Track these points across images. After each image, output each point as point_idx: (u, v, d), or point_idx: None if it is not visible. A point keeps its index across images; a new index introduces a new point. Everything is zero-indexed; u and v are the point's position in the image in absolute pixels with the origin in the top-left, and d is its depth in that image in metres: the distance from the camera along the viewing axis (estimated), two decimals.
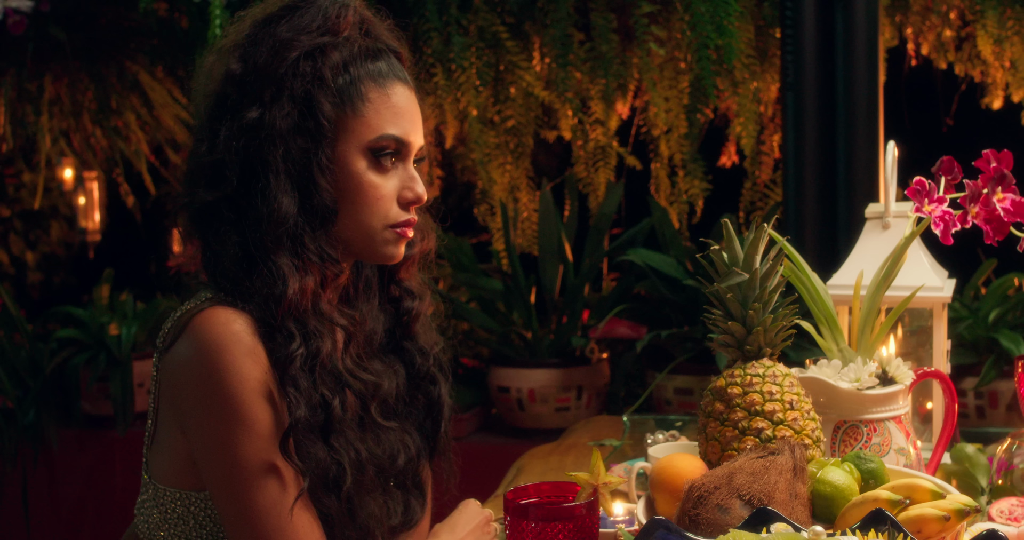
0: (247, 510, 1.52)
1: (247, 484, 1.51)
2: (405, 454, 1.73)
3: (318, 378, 1.56)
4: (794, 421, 1.66)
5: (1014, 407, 3.48)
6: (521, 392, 3.98)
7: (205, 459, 1.54)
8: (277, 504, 1.52)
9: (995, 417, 3.48)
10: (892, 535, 1.26)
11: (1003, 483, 1.99)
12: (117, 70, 4.89)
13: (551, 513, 1.45)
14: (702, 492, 1.49)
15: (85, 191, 6.41)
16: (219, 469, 1.53)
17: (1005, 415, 3.48)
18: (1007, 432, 2.53)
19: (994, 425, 3.43)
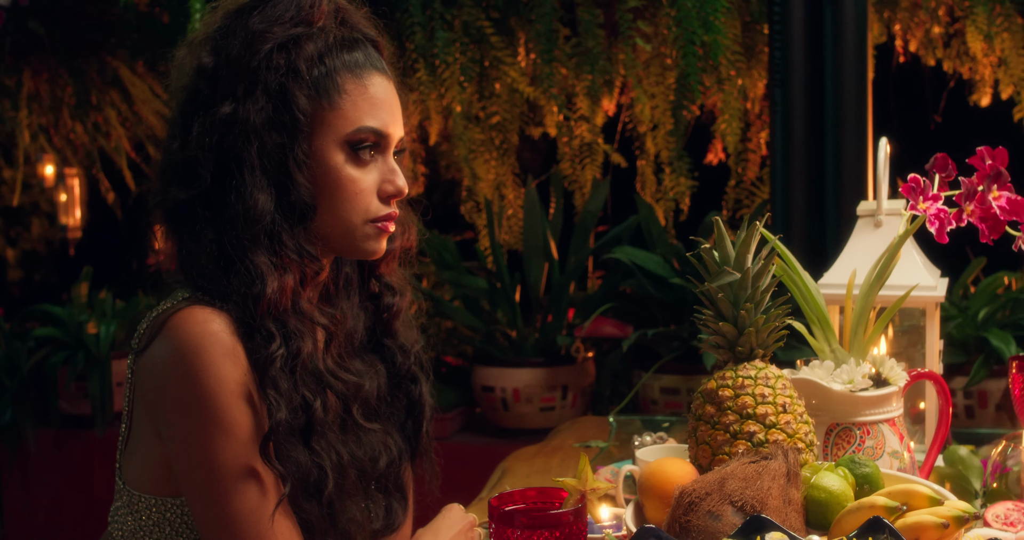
0: (225, 517, 1.47)
1: (225, 490, 1.46)
2: (387, 456, 1.69)
3: (299, 379, 1.52)
4: (787, 424, 1.62)
5: (1003, 407, 3.45)
6: (505, 391, 3.94)
7: (182, 464, 1.50)
8: (256, 510, 1.47)
9: (984, 417, 3.45)
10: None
11: (998, 486, 1.96)
12: (97, 65, 4.84)
13: (537, 520, 1.41)
14: (693, 498, 1.45)
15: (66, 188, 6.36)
16: (196, 474, 1.48)
17: (995, 415, 3.45)
18: (998, 433, 2.50)
19: (984, 425, 3.40)
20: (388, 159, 1.59)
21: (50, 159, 6.08)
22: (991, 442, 2.35)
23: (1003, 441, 2.01)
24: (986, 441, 2.41)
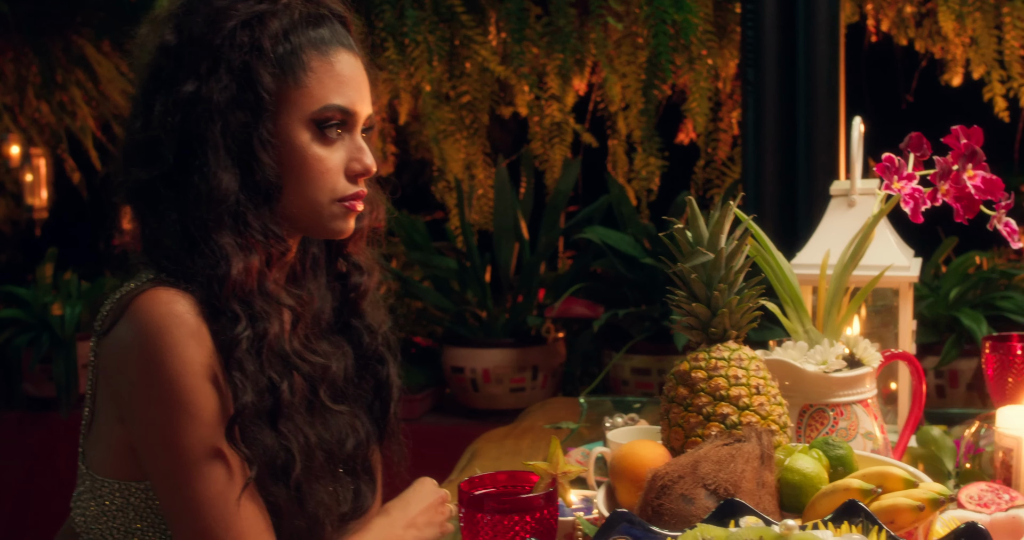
0: (190, 501, 1.44)
1: (190, 474, 1.44)
2: (354, 438, 1.66)
3: (265, 361, 1.49)
4: (760, 406, 1.60)
5: (975, 386, 3.45)
6: (475, 372, 3.92)
7: (146, 448, 1.47)
8: (222, 495, 1.44)
9: (955, 397, 3.45)
10: (866, 527, 1.20)
11: (971, 467, 1.95)
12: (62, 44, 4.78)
13: (508, 505, 1.38)
14: (665, 481, 1.43)
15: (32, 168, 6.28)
16: (161, 458, 1.45)
17: (965, 394, 3.45)
18: (970, 413, 2.50)
19: (954, 405, 3.41)
20: (355, 137, 1.56)
21: (15, 139, 6.00)
22: (963, 422, 2.34)
23: (976, 422, 2.00)
24: (958, 421, 2.40)
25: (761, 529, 1.14)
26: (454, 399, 4.08)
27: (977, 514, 1.57)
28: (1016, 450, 1.83)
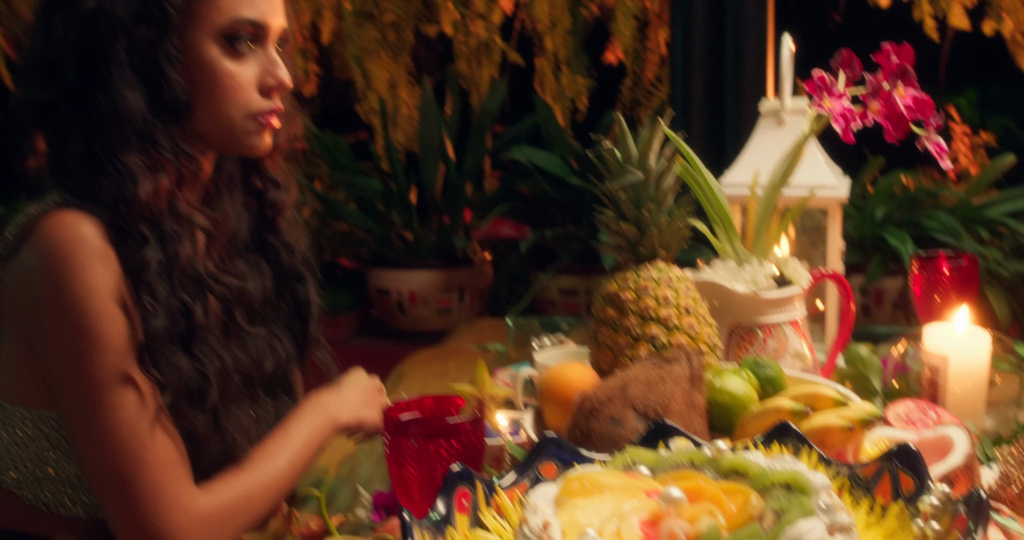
0: (99, 431, 1.39)
1: (98, 402, 1.38)
2: (274, 359, 1.63)
3: (176, 283, 1.44)
4: (690, 327, 1.58)
5: (899, 305, 3.48)
6: (401, 294, 3.88)
7: (54, 375, 1.41)
8: (132, 424, 1.39)
9: (880, 315, 3.48)
10: (796, 448, 1.18)
11: (898, 386, 1.95)
12: None
13: (433, 429, 1.35)
14: (595, 404, 1.40)
15: None
16: (70, 386, 1.40)
17: (891, 313, 3.48)
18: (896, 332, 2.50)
19: (880, 323, 3.43)
20: (269, 51, 1.49)
21: None
22: (889, 341, 2.35)
23: (904, 340, 2.00)
24: (884, 340, 2.40)
25: (691, 451, 1.12)
26: (380, 321, 4.04)
27: (905, 432, 1.57)
28: (942, 369, 1.83)
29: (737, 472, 1.08)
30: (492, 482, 1.14)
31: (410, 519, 1.00)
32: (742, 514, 0.99)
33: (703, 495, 1.03)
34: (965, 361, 1.82)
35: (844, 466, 1.15)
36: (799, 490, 1.02)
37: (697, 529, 0.96)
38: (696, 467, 1.10)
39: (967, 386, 1.82)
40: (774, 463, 1.08)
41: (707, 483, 1.05)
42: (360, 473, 1.90)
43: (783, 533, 0.94)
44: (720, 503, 1.01)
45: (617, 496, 1.04)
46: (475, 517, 1.10)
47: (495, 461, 1.72)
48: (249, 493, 1.49)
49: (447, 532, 1.06)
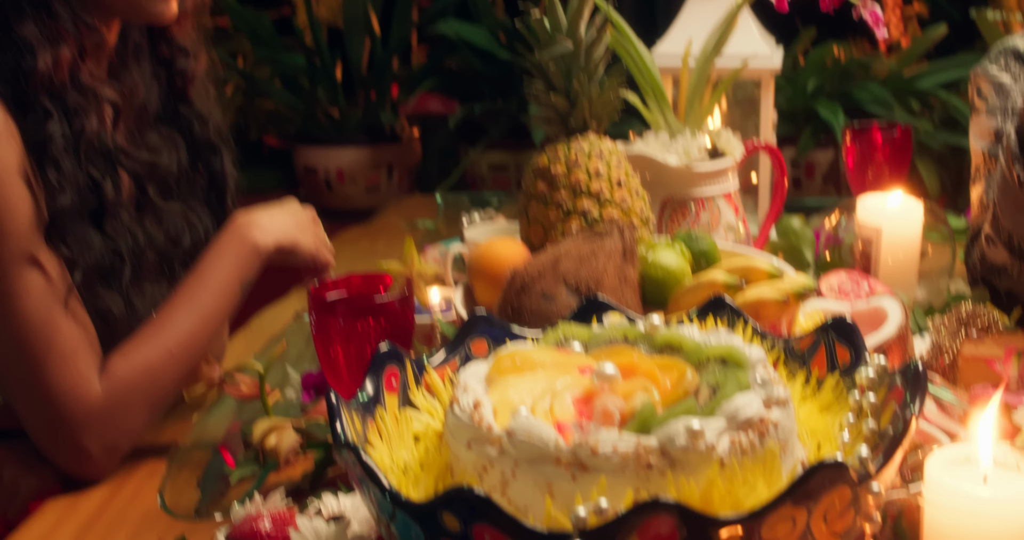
0: (6, 312, 1.34)
1: (4, 282, 1.33)
2: (191, 234, 1.58)
3: (84, 159, 1.38)
4: (622, 201, 1.54)
5: (830, 177, 3.48)
6: (329, 172, 3.82)
7: None
8: (39, 307, 1.34)
9: (811, 187, 3.47)
10: (731, 321, 1.16)
11: (831, 258, 1.94)
12: None
13: (361, 309, 1.31)
14: (525, 280, 1.37)
15: None
16: None
17: (821, 185, 3.48)
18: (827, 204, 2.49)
19: (810, 196, 3.42)
20: None
21: None
22: (821, 213, 2.34)
23: (836, 211, 1.98)
24: (815, 212, 2.39)
25: (625, 326, 1.10)
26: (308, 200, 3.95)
27: (838, 304, 1.56)
28: (875, 240, 1.82)
29: (671, 347, 1.06)
30: (422, 361, 1.10)
31: (337, 401, 0.97)
32: (677, 389, 0.97)
33: (637, 371, 1.00)
34: (898, 232, 1.81)
35: (779, 339, 1.13)
36: (735, 364, 1.00)
37: (632, 405, 0.94)
38: (630, 342, 1.08)
39: (899, 257, 1.81)
40: (709, 337, 1.05)
41: (641, 358, 1.02)
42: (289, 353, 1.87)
43: (719, 408, 0.92)
44: (655, 378, 0.99)
45: (549, 373, 1.01)
46: (405, 397, 1.07)
47: (425, 339, 1.70)
48: (151, 365, 1.42)
49: (376, 413, 1.03)
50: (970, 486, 0.95)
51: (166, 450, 1.48)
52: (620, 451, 0.87)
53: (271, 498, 1.14)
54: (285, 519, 1.10)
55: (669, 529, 0.79)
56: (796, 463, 0.94)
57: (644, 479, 0.87)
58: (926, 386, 0.95)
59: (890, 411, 0.98)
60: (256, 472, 1.39)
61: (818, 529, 0.84)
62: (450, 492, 0.81)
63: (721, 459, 0.89)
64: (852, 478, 0.83)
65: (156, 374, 1.43)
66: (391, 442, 1.02)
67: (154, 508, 1.33)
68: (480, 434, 0.92)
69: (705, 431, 0.88)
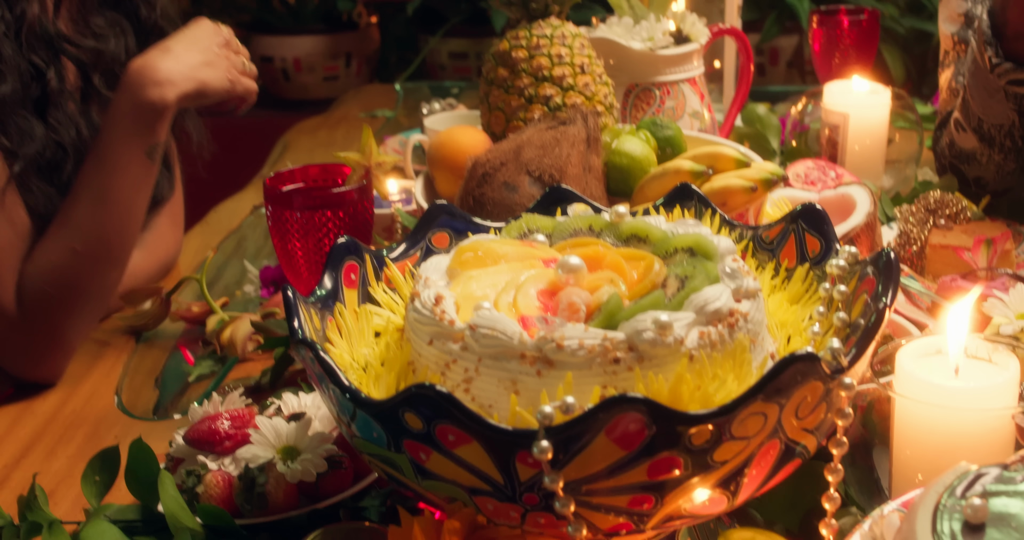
0: None
1: None
2: None
3: (25, 45, 1.32)
4: (585, 87, 1.50)
5: (794, 64, 3.43)
6: (286, 61, 3.73)
7: None
8: None
9: (775, 75, 3.43)
10: (699, 211, 1.13)
11: (796, 144, 1.91)
12: None
13: (319, 200, 1.27)
14: (487, 169, 1.33)
15: None
16: None
17: (786, 72, 3.43)
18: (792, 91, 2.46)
19: (775, 83, 3.38)
20: None
21: None
22: (786, 100, 2.31)
23: (803, 98, 1.95)
24: (780, 99, 2.37)
25: (590, 217, 1.06)
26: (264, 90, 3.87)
27: (805, 193, 1.53)
28: (842, 126, 1.79)
29: (638, 237, 1.03)
30: (382, 254, 1.07)
31: (294, 296, 0.93)
32: (644, 281, 0.94)
33: (603, 262, 0.97)
34: (865, 118, 1.78)
35: (748, 228, 1.10)
36: (703, 255, 0.97)
37: (598, 298, 0.91)
38: (595, 233, 1.04)
39: (866, 144, 1.78)
40: (676, 227, 1.02)
41: (607, 249, 0.99)
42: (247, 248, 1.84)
43: (688, 300, 0.90)
44: (621, 270, 0.96)
45: (513, 266, 0.98)
46: (364, 292, 1.04)
47: (385, 232, 1.66)
48: (55, 267, 1.35)
49: (335, 309, 1.00)
50: (941, 378, 0.93)
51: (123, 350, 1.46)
52: (586, 345, 0.85)
53: (230, 397, 1.11)
54: (244, 418, 1.08)
55: (638, 426, 0.77)
56: (766, 356, 0.92)
57: (611, 375, 0.85)
58: (899, 276, 0.92)
59: (861, 302, 0.95)
60: (215, 369, 1.37)
61: (789, 425, 0.82)
62: (411, 390, 0.78)
63: (690, 353, 0.86)
64: (824, 372, 0.81)
65: (65, 276, 1.35)
66: (351, 339, 0.99)
67: (111, 409, 1.30)
68: (442, 330, 0.89)
69: (674, 324, 0.86)
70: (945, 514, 0.72)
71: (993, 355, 0.95)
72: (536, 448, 0.76)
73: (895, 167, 1.86)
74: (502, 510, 0.83)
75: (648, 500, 0.81)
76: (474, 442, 0.78)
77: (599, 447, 0.78)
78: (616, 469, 0.79)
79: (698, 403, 0.84)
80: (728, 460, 0.81)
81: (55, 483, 1.17)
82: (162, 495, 0.99)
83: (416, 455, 0.82)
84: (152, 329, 1.50)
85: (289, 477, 1.02)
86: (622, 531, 0.85)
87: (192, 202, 1.86)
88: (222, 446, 1.06)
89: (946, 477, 0.77)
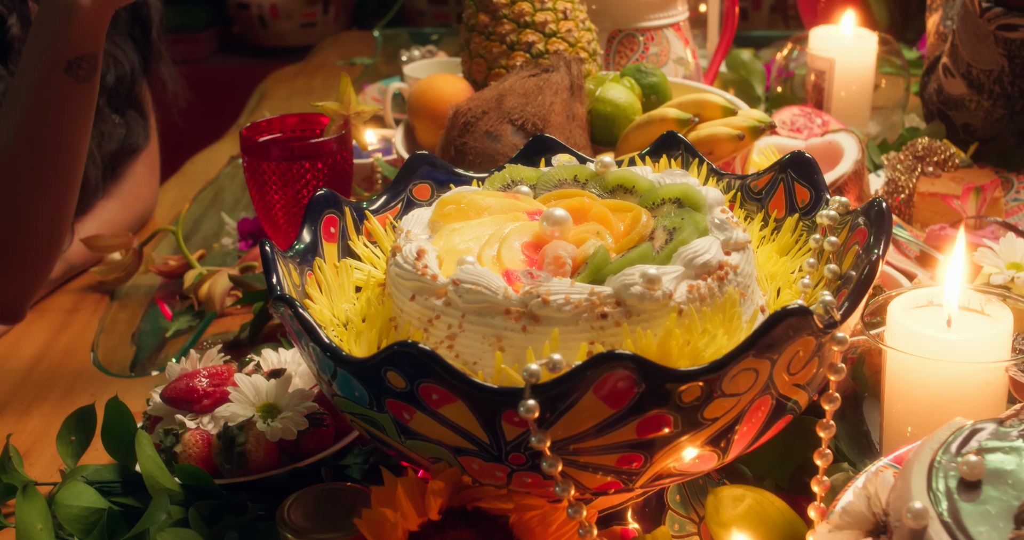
0: None
1: None
2: (115, 71, 1.49)
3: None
4: (568, 33, 1.47)
5: (778, 8, 3.39)
6: (262, 8, 3.67)
7: None
8: None
9: (758, 20, 3.39)
10: (686, 160, 1.11)
11: (782, 90, 1.88)
12: None
13: (296, 151, 1.24)
14: (469, 118, 1.31)
15: None
16: None
17: (768, 17, 3.39)
18: (776, 36, 2.43)
19: (757, 28, 3.34)
20: None
21: None
22: (770, 45, 2.27)
23: (789, 43, 1.92)
24: (764, 44, 2.33)
25: (575, 167, 1.04)
26: (241, 38, 3.83)
27: (792, 140, 1.51)
28: (828, 72, 1.77)
29: (624, 188, 1.00)
30: (361, 206, 1.04)
31: (272, 251, 0.91)
32: (632, 234, 0.92)
33: (589, 214, 0.95)
34: (851, 63, 1.76)
35: (736, 178, 1.08)
36: (691, 206, 0.94)
37: (584, 251, 0.89)
38: (580, 184, 1.02)
39: (852, 90, 1.76)
40: (663, 177, 1.00)
41: (592, 201, 0.97)
42: (225, 200, 1.81)
43: (676, 253, 0.87)
44: (607, 222, 0.94)
45: (497, 218, 0.95)
46: (344, 245, 1.02)
47: (365, 182, 1.64)
48: None
49: (314, 263, 0.97)
50: (933, 330, 0.91)
51: (98, 306, 1.43)
52: (573, 300, 0.82)
53: (208, 354, 1.09)
54: (223, 376, 1.05)
55: (626, 384, 0.75)
56: (756, 310, 0.90)
57: (598, 330, 0.83)
58: (891, 227, 0.90)
59: (852, 253, 0.93)
60: (192, 325, 1.34)
61: (780, 380, 0.81)
62: (393, 348, 0.76)
63: (679, 307, 0.84)
64: (817, 326, 0.79)
65: None
66: (331, 294, 0.97)
67: (87, 366, 1.28)
68: (424, 285, 0.87)
69: (662, 278, 0.83)
70: (940, 472, 0.71)
71: (986, 306, 0.93)
72: (522, 407, 0.74)
73: (881, 113, 1.83)
74: (488, 470, 0.81)
75: (637, 459, 0.80)
76: (458, 401, 0.76)
77: (587, 405, 0.76)
78: (604, 428, 0.77)
79: (687, 359, 0.82)
80: (719, 417, 0.79)
81: (30, 443, 1.14)
82: (139, 455, 0.97)
83: (399, 415, 0.80)
84: (125, 282, 1.47)
85: (269, 435, 1.00)
86: (610, 490, 0.84)
87: (168, 152, 1.83)
88: (200, 404, 1.04)
89: (940, 433, 0.75)
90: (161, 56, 1.60)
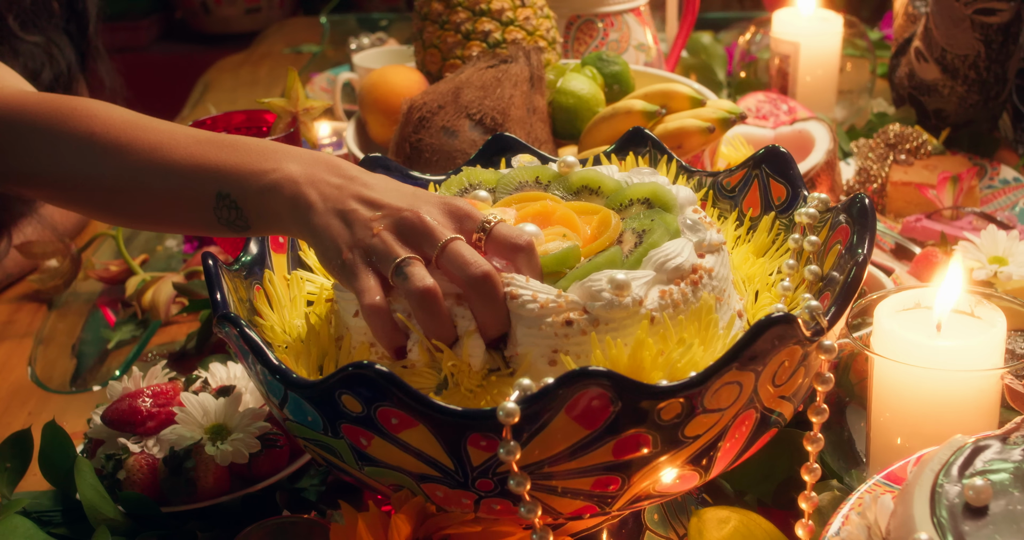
0: None
1: None
2: (52, 68, 1.43)
3: None
4: (526, 20, 1.40)
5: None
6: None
7: None
8: None
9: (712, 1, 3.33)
10: (654, 157, 1.05)
11: (745, 75, 1.83)
12: None
13: None
14: (424, 113, 1.24)
15: None
16: None
17: None
18: (737, 18, 2.37)
19: (712, 9, 3.28)
20: None
21: None
22: (728, 27, 2.22)
23: (752, 26, 1.86)
24: (722, 26, 2.28)
25: (537, 168, 0.98)
26: (185, 24, 3.74)
27: (760, 130, 1.46)
28: (793, 56, 1.72)
29: (589, 189, 0.94)
30: None
31: (215, 265, 0.84)
32: (600, 237, 0.86)
33: (553, 218, 0.89)
34: (816, 47, 1.71)
35: (707, 175, 1.02)
36: (661, 206, 0.89)
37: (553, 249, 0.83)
38: (542, 186, 0.96)
39: (818, 74, 1.71)
40: (631, 176, 0.94)
41: (556, 203, 0.91)
42: None
43: (647, 257, 0.82)
44: (573, 225, 0.88)
45: None
46: (295, 256, 0.95)
47: None
48: None
49: (264, 276, 0.91)
50: (922, 335, 0.86)
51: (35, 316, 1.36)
52: (539, 300, 0.77)
53: (151, 371, 1.02)
54: (168, 394, 0.99)
55: (601, 402, 0.70)
56: (733, 315, 0.85)
57: (563, 338, 0.77)
58: (875, 224, 0.85)
59: (834, 253, 0.88)
60: (136, 334, 1.27)
61: (765, 393, 0.75)
62: (348, 370, 0.70)
63: (651, 314, 0.78)
64: (804, 334, 0.74)
65: None
66: (282, 310, 0.90)
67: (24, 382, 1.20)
68: None
69: (632, 283, 0.78)
70: (944, 497, 0.66)
71: (976, 308, 0.88)
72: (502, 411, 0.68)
73: (848, 98, 1.78)
74: (453, 497, 0.76)
75: (614, 481, 0.74)
76: (420, 425, 0.71)
77: (559, 427, 0.70)
78: (579, 450, 0.72)
79: (661, 370, 0.77)
80: (701, 434, 0.74)
81: None
82: (79, 484, 0.90)
83: (356, 440, 0.74)
84: (64, 291, 1.40)
85: (219, 459, 0.93)
86: (585, 514, 0.78)
87: None
88: (144, 427, 0.97)
89: (941, 453, 0.70)
90: (99, 53, 1.54)
